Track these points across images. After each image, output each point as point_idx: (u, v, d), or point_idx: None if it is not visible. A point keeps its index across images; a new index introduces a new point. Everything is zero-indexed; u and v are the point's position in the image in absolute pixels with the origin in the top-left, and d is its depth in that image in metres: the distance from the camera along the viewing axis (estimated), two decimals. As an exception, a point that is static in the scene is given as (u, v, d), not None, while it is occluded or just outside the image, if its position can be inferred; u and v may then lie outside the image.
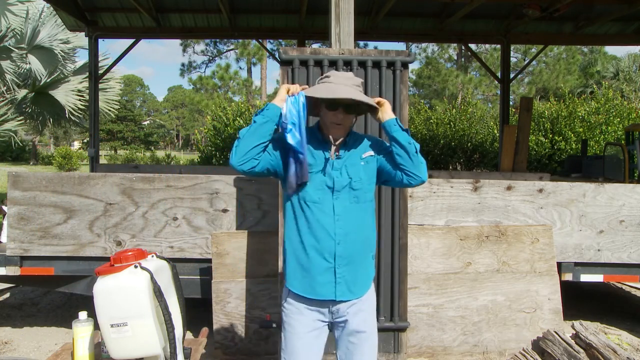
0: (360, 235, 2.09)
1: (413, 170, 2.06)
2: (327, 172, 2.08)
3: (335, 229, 2.04)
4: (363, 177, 2.10)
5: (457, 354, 3.71)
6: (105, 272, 2.08)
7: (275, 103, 2.01)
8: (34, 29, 10.72)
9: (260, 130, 1.98)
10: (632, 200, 4.14)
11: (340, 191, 2.07)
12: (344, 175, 2.08)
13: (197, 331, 3.16)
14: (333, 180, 2.07)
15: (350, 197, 2.08)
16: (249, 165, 1.99)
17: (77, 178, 3.94)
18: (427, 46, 27.11)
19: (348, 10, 3.35)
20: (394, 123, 2.10)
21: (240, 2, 7.94)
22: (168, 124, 60.68)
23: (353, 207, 2.08)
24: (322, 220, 2.05)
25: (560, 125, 13.79)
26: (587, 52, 29.36)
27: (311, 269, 2.05)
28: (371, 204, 2.16)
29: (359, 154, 2.13)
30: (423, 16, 8.56)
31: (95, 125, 8.47)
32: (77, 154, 26.87)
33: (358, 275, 2.10)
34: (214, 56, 25.75)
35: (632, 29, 8.70)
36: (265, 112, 2.00)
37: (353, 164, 2.10)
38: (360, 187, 2.09)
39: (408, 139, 2.06)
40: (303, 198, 2.07)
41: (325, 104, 2.06)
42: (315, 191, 2.07)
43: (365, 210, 2.12)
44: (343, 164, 2.09)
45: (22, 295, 5.36)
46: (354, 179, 2.08)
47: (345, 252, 2.05)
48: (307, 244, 2.06)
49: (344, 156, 2.11)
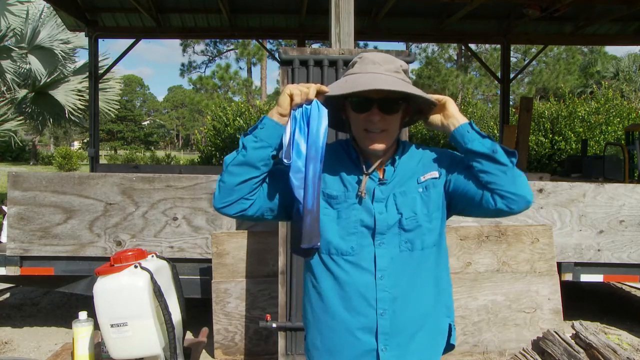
0: (418, 300, 1.44)
1: (511, 188, 1.37)
2: (364, 205, 1.43)
3: (377, 292, 1.40)
4: (420, 210, 1.44)
5: (457, 354, 3.71)
6: (105, 272, 2.08)
7: (273, 117, 1.35)
8: (34, 29, 10.73)
9: (252, 159, 1.34)
10: (632, 200, 4.14)
11: (385, 234, 1.42)
12: (391, 209, 1.43)
13: (197, 331, 3.16)
14: (374, 218, 1.42)
15: (401, 243, 1.42)
16: (237, 208, 1.39)
17: (77, 178, 3.94)
18: (427, 46, 27.11)
19: (348, 10, 3.35)
20: (467, 129, 1.42)
21: (240, 2, 7.94)
22: (168, 124, 60.69)
23: (406, 258, 1.42)
24: (357, 280, 1.41)
25: (560, 125, 13.79)
26: (587, 52, 29.37)
27: (342, 353, 1.43)
28: (436, 251, 1.48)
29: (414, 177, 1.47)
30: (423, 16, 8.56)
31: (95, 125, 8.47)
32: (77, 154, 26.87)
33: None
34: (214, 56, 25.78)
35: (632, 29, 8.69)
36: (258, 131, 1.35)
37: (405, 192, 1.44)
38: (416, 226, 1.43)
39: (493, 146, 1.40)
40: (326, 248, 1.43)
41: (352, 105, 1.43)
42: (345, 236, 1.42)
43: (426, 260, 1.45)
44: (390, 193, 1.44)
45: (22, 295, 5.35)
46: (406, 215, 1.42)
47: (393, 328, 1.41)
48: (336, 317, 1.43)
49: (391, 180, 1.46)
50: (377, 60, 1.41)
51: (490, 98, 28.41)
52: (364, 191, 1.43)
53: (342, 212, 1.43)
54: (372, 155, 1.45)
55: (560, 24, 8.66)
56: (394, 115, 1.41)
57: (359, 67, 1.42)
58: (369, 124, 1.40)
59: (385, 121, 1.40)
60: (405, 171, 1.47)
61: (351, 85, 1.37)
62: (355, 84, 1.36)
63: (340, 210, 1.43)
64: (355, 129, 1.46)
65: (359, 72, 1.41)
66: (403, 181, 1.46)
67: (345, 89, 1.37)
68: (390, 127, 1.42)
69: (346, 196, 1.44)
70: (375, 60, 1.41)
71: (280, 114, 1.34)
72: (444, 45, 26.30)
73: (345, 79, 1.43)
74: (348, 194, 1.44)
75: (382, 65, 1.40)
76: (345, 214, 1.43)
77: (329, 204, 1.44)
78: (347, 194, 1.44)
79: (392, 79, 1.38)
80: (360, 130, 1.43)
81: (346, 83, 1.40)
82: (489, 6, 7.74)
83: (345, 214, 1.43)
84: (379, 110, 1.38)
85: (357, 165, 1.46)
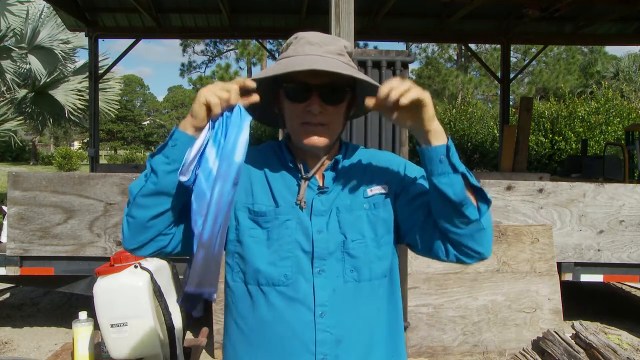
0: (367, 344, 1.15)
1: (470, 243, 1.10)
2: (299, 222, 1.14)
3: (317, 333, 1.10)
4: (368, 232, 1.16)
5: (457, 354, 3.71)
6: (105, 272, 2.08)
7: (187, 130, 1.06)
8: (34, 29, 10.74)
9: (165, 186, 1.05)
10: (632, 200, 4.14)
11: (325, 259, 1.13)
12: (333, 228, 1.15)
13: (197, 331, 3.16)
14: (312, 240, 1.13)
15: (346, 271, 1.14)
16: (154, 246, 1.10)
17: (77, 178, 3.94)
18: (427, 46, 27.13)
19: (348, 10, 3.35)
20: (440, 157, 1.06)
21: (240, 2, 7.94)
22: (168, 124, 60.62)
23: (351, 290, 1.14)
24: (291, 317, 1.11)
25: (560, 125, 13.80)
26: (587, 52, 29.38)
27: None
28: (388, 283, 1.20)
29: (360, 188, 1.18)
30: (423, 16, 8.56)
31: (95, 125, 8.48)
32: (77, 154, 26.91)
33: None
34: (214, 56, 25.80)
35: (632, 29, 8.70)
36: (170, 150, 1.06)
37: (350, 208, 1.16)
38: (364, 252, 1.15)
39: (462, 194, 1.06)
40: (254, 278, 1.14)
41: (286, 93, 1.15)
42: (277, 261, 1.13)
43: (376, 293, 1.17)
44: (331, 206, 1.16)
45: (22, 295, 5.35)
46: (352, 237, 1.15)
47: None
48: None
49: (332, 189, 1.17)
50: (315, 40, 1.14)
51: (490, 98, 28.41)
52: (304, 200, 1.14)
53: (272, 231, 1.13)
54: (311, 157, 1.18)
55: (560, 24, 8.66)
56: (337, 106, 1.14)
57: (294, 49, 1.15)
58: (307, 115, 1.12)
59: (327, 113, 1.13)
60: (349, 179, 1.18)
61: (283, 67, 1.09)
62: (287, 65, 1.09)
63: (270, 230, 1.13)
64: (290, 122, 1.17)
65: (293, 55, 1.13)
66: (347, 192, 1.17)
67: (275, 71, 1.10)
68: (332, 121, 1.15)
69: (276, 212, 1.14)
70: (313, 40, 1.14)
71: (195, 127, 1.05)
72: (444, 45, 26.31)
73: (278, 62, 1.15)
74: (279, 209, 1.14)
75: (321, 46, 1.13)
76: (277, 233, 1.13)
77: (257, 223, 1.15)
78: (279, 209, 1.14)
79: (335, 61, 1.11)
80: (297, 124, 1.14)
81: (278, 65, 1.12)
82: (489, 6, 7.74)
83: (277, 234, 1.13)
84: (319, 99, 1.11)
85: (292, 171, 1.18)
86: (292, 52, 1.14)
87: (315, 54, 1.12)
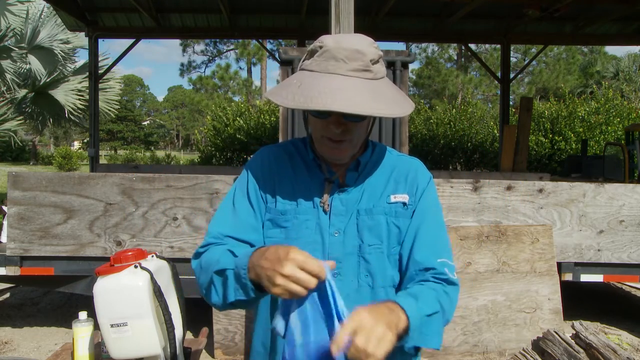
0: None
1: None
2: (319, 222, 1.15)
3: None
4: (385, 238, 1.15)
5: (457, 354, 3.71)
6: (105, 272, 2.07)
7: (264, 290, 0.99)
8: (34, 29, 10.74)
9: (246, 305, 1.11)
10: (632, 200, 4.14)
11: (342, 262, 1.13)
12: (351, 231, 1.14)
13: (197, 331, 3.16)
14: (327, 241, 1.14)
15: (361, 275, 1.14)
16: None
17: (77, 178, 3.94)
18: (427, 46, 27.14)
19: (348, 10, 3.35)
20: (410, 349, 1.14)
21: (240, 2, 7.94)
22: (168, 124, 60.72)
23: (365, 295, 1.13)
24: None
25: (560, 125, 13.81)
26: (587, 52, 29.39)
27: None
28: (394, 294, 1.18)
29: (384, 192, 1.17)
30: (423, 16, 8.57)
31: (95, 125, 8.48)
32: (77, 154, 26.90)
33: None
34: (214, 56, 25.83)
35: (632, 29, 8.70)
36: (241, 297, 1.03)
37: (371, 211, 1.15)
38: (379, 257, 1.15)
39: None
40: None
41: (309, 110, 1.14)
42: None
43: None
44: (352, 209, 1.15)
45: (22, 295, 5.35)
46: (369, 242, 1.14)
47: None
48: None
49: (354, 188, 1.17)
50: (340, 56, 1.08)
51: (490, 98, 28.42)
52: (327, 202, 1.13)
53: (291, 231, 1.13)
54: (332, 164, 1.19)
55: (560, 24, 8.67)
56: (359, 123, 1.13)
57: (317, 63, 1.10)
58: (328, 131, 1.12)
59: (349, 129, 1.11)
60: (373, 182, 1.17)
61: (304, 94, 1.06)
62: (309, 94, 1.05)
63: (289, 229, 1.13)
64: (313, 131, 1.17)
65: (316, 71, 1.09)
66: (369, 196, 1.16)
67: (297, 102, 1.06)
68: (355, 136, 1.14)
69: (297, 211, 1.14)
70: (338, 56, 1.08)
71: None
72: (444, 45, 26.32)
73: (300, 80, 1.11)
74: (299, 208, 1.14)
75: (346, 62, 1.07)
76: (295, 233, 1.13)
77: (276, 222, 1.15)
78: (299, 208, 1.14)
79: (357, 84, 1.06)
80: (319, 136, 1.15)
81: (299, 89, 1.08)
82: (488, 6, 7.75)
83: (295, 234, 1.13)
84: (340, 117, 1.10)
85: (314, 171, 1.18)
86: (316, 67, 1.10)
87: (339, 73, 1.07)
